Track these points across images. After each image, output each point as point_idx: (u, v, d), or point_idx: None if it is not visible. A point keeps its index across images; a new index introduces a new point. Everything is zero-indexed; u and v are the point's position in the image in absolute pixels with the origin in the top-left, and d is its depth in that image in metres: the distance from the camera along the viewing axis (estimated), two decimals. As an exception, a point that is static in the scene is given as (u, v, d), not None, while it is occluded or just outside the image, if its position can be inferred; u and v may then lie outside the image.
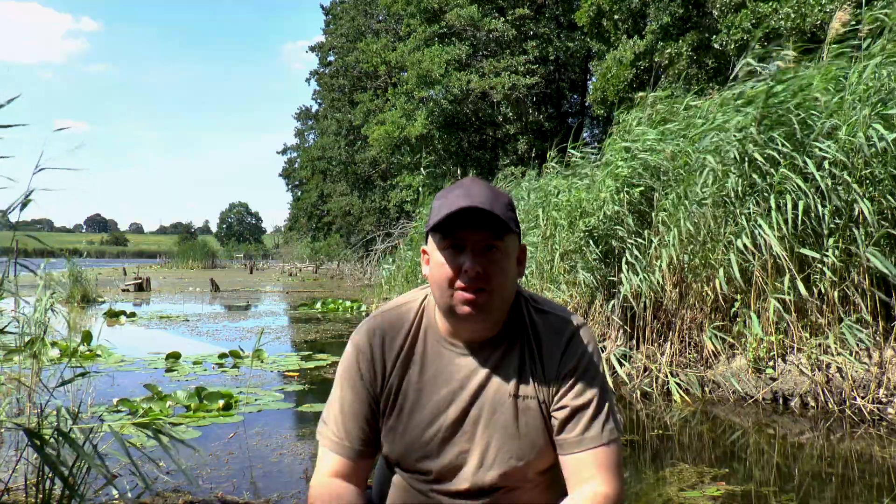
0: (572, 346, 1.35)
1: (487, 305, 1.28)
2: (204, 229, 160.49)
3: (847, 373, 4.55)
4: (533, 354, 1.35)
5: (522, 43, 20.59)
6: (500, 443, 1.33)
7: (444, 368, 1.36)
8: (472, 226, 1.25)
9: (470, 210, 1.23)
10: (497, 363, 1.35)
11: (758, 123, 5.10)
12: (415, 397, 1.36)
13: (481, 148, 22.36)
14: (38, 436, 2.03)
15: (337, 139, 31.98)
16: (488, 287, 1.27)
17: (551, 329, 1.37)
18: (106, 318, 11.33)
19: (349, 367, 1.40)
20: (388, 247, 16.88)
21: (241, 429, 4.35)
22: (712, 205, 5.34)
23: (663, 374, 5.37)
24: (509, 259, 1.30)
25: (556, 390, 1.33)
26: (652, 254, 5.68)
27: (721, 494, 3.15)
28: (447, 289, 1.28)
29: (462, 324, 1.33)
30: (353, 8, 32.12)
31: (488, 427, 1.34)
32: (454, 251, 1.27)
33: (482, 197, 1.26)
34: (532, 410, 1.34)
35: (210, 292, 19.82)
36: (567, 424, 1.32)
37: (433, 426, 1.35)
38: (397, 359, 1.38)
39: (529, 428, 1.34)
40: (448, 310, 1.31)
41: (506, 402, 1.34)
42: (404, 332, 1.39)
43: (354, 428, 1.37)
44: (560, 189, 7.16)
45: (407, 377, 1.37)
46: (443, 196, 1.31)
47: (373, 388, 1.38)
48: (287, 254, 49.06)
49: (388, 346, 1.38)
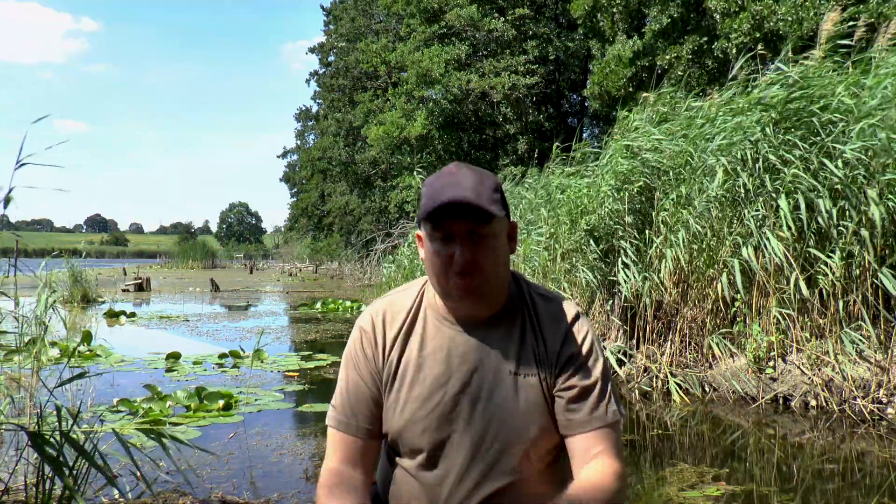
0: (575, 329, 1.39)
1: (482, 288, 1.32)
2: (204, 229, 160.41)
3: (847, 373, 4.55)
4: (535, 332, 1.39)
5: (522, 43, 20.59)
6: (500, 419, 1.35)
7: (443, 344, 1.39)
8: (457, 215, 1.28)
9: (454, 201, 1.26)
10: (497, 341, 1.38)
11: (774, 125, 5.08)
12: (414, 372, 1.39)
13: (481, 148, 22.36)
14: (39, 436, 2.03)
15: (337, 139, 31.98)
16: (479, 272, 1.30)
17: (552, 311, 1.41)
18: (106, 318, 11.33)
19: (353, 349, 1.44)
20: (387, 247, 16.88)
21: (241, 429, 4.35)
22: (719, 205, 5.34)
23: (663, 373, 5.37)
24: (498, 241, 1.33)
25: (559, 370, 1.36)
26: (653, 253, 5.68)
27: (721, 494, 3.15)
28: (442, 276, 1.32)
29: (460, 306, 1.38)
30: (354, 8, 32.11)
31: (489, 404, 1.36)
32: (444, 241, 1.31)
33: (467, 185, 1.28)
34: (533, 388, 1.36)
35: (210, 292, 19.82)
36: (575, 404, 1.34)
37: (432, 400, 1.37)
38: (398, 335, 1.42)
39: (529, 404, 1.35)
40: (445, 294, 1.36)
41: (506, 379, 1.36)
42: (405, 311, 1.43)
43: (361, 406, 1.41)
44: (563, 188, 7.16)
45: (407, 352, 1.40)
46: (430, 184, 1.33)
47: (375, 365, 1.42)
48: (287, 254, 49.07)
49: (389, 324, 1.43)
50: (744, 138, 5.24)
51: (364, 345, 1.43)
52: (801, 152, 4.88)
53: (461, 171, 1.32)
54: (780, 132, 5.07)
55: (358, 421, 1.41)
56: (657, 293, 5.60)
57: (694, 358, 5.47)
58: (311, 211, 41.20)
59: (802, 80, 5.27)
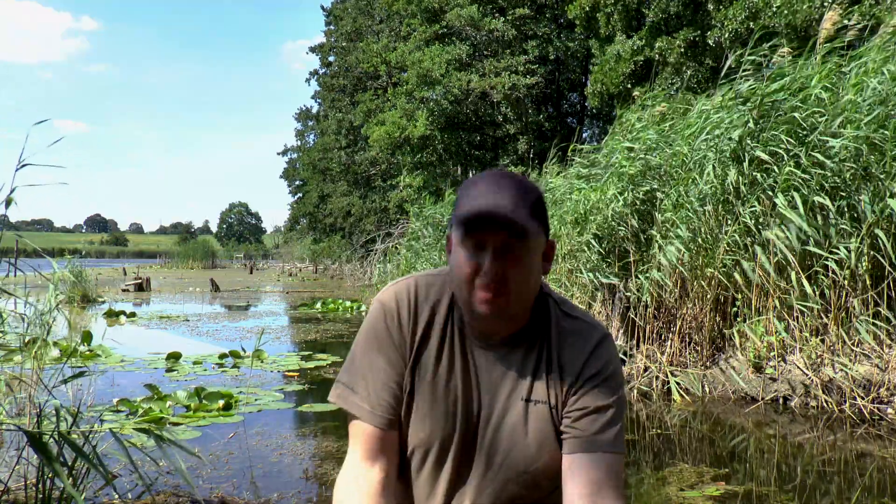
0: (598, 352, 1.31)
1: (506, 307, 1.24)
2: (204, 229, 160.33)
3: (847, 373, 4.55)
4: (551, 358, 1.31)
5: (522, 43, 20.58)
6: (507, 447, 1.30)
7: (467, 361, 1.32)
8: (493, 226, 1.19)
9: (491, 213, 1.18)
10: (514, 363, 1.31)
11: (755, 121, 5.11)
12: (434, 387, 1.32)
13: (481, 148, 22.34)
14: (38, 437, 2.03)
15: (337, 139, 31.98)
16: (507, 289, 1.22)
17: (577, 333, 1.32)
18: (106, 318, 11.33)
19: (378, 328, 1.33)
20: (387, 246, 16.88)
21: (241, 429, 4.35)
22: (713, 203, 5.35)
23: (663, 373, 5.37)
24: (532, 258, 1.24)
25: (573, 392, 1.29)
26: (654, 253, 5.69)
27: (720, 494, 3.15)
28: (466, 284, 1.24)
29: (479, 321, 1.29)
30: (354, 8, 32.11)
31: (499, 430, 1.31)
32: (475, 249, 1.22)
33: (507, 195, 1.20)
34: (542, 416, 1.30)
35: (210, 292, 19.82)
36: (580, 422, 1.26)
37: (450, 422, 1.31)
38: (429, 327, 1.32)
39: (538, 433, 1.30)
40: (466, 305, 1.27)
41: (517, 404, 1.30)
42: (436, 302, 1.34)
43: (385, 394, 1.31)
44: (569, 190, 7.15)
45: (433, 359, 1.32)
46: (468, 186, 1.25)
47: (403, 351, 1.32)
48: (287, 254, 49.08)
49: (420, 309, 1.33)
50: (726, 134, 5.27)
51: (389, 324, 1.32)
52: (787, 147, 4.89)
53: (504, 180, 1.23)
54: (762, 128, 5.08)
55: (384, 412, 1.30)
56: (657, 293, 5.60)
57: (694, 357, 5.47)
58: (311, 212, 41.19)
59: (776, 72, 5.30)
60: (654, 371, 5.46)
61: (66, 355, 5.89)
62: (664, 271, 5.50)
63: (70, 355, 5.16)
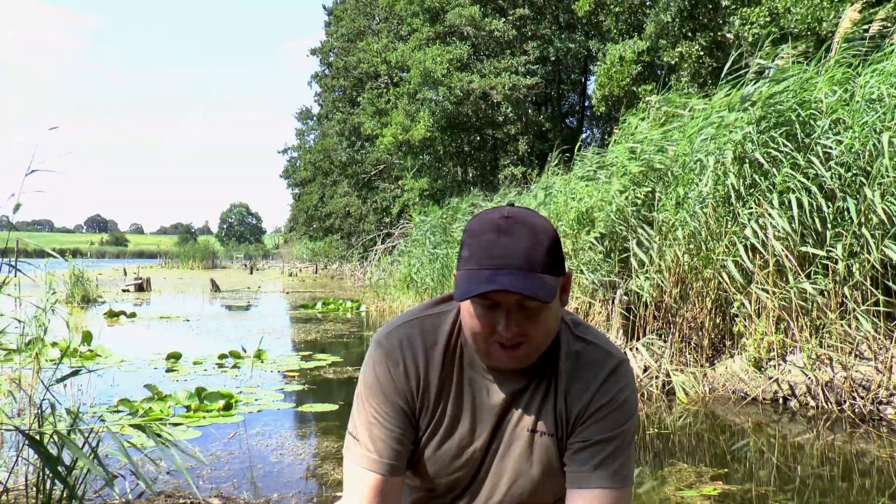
0: (608, 384, 1.24)
1: (528, 357, 1.19)
2: (204, 230, 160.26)
3: (847, 373, 4.55)
4: (559, 388, 1.26)
5: (523, 43, 20.59)
6: (511, 479, 1.28)
7: (475, 396, 1.28)
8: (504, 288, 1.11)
9: (502, 287, 1.09)
10: (521, 395, 1.27)
11: (756, 123, 5.11)
12: (446, 423, 1.28)
13: (481, 149, 22.36)
14: (37, 437, 2.03)
15: (339, 139, 31.97)
16: (527, 342, 1.16)
17: (590, 360, 1.26)
18: (106, 318, 11.33)
19: (380, 375, 1.27)
20: (388, 247, 16.89)
21: (242, 429, 4.35)
22: (713, 204, 5.35)
23: (663, 373, 5.37)
24: (551, 307, 1.16)
25: (579, 423, 1.24)
26: (654, 253, 5.69)
27: (717, 494, 3.15)
28: (481, 341, 1.18)
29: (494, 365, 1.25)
30: (355, 8, 32.10)
31: (504, 461, 1.28)
32: (487, 308, 1.15)
33: (518, 251, 1.11)
34: (547, 449, 1.27)
35: (210, 292, 19.82)
36: (580, 454, 1.21)
37: (460, 458, 1.29)
38: (433, 375, 1.27)
39: (542, 465, 1.27)
40: (483, 356, 1.22)
41: (523, 435, 1.27)
42: (441, 346, 1.28)
43: (389, 441, 1.25)
44: (572, 192, 7.15)
45: (442, 400, 1.28)
46: (474, 235, 1.16)
47: (408, 400, 1.27)
48: (287, 254, 49.06)
49: (424, 357, 1.27)
50: (728, 136, 5.27)
51: (393, 372, 1.26)
52: (786, 150, 4.89)
53: (512, 229, 1.13)
54: (763, 130, 5.08)
55: (388, 459, 1.24)
56: (657, 292, 5.60)
57: (694, 357, 5.47)
58: (312, 213, 41.18)
59: (777, 73, 5.29)
60: (655, 370, 5.46)
61: (66, 356, 5.89)
62: (664, 271, 5.51)
63: (66, 355, 5.15)
